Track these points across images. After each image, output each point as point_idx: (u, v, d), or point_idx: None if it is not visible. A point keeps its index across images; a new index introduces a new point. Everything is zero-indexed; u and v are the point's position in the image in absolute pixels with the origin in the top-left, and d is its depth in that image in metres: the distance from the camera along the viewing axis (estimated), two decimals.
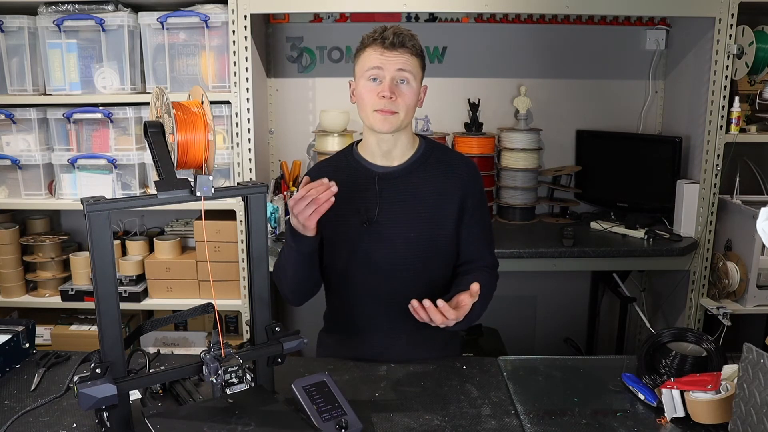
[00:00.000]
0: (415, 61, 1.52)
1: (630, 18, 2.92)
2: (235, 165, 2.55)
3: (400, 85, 1.51)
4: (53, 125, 2.59)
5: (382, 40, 1.49)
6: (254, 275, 1.28)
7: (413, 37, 1.53)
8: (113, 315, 1.13)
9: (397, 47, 1.49)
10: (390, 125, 1.52)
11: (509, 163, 2.89)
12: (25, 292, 2.76)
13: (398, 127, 1.54)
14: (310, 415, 1.21)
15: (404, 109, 1.52)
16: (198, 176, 1.14)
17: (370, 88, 1.52)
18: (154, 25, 2.51)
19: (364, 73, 1.52)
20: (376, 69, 1.50)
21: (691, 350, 1.43)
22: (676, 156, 2.68)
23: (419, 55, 1.54)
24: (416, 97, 1.55)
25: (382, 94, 1.49)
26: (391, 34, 1.49)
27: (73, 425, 1.28)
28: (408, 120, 1.56)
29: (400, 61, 1.49)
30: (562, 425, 1.29)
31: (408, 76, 1.51)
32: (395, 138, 1.58)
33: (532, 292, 3.19)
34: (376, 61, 1.50)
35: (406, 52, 1.50)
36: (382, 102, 1.50)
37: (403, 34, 1.50)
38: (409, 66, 1.50)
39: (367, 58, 1.52)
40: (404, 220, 1.57)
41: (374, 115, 1.52)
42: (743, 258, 2.48)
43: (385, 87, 1.49)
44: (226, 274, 2.64)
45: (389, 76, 1.49)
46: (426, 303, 1.37)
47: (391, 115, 1.51)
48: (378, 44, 1.50)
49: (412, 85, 1.52)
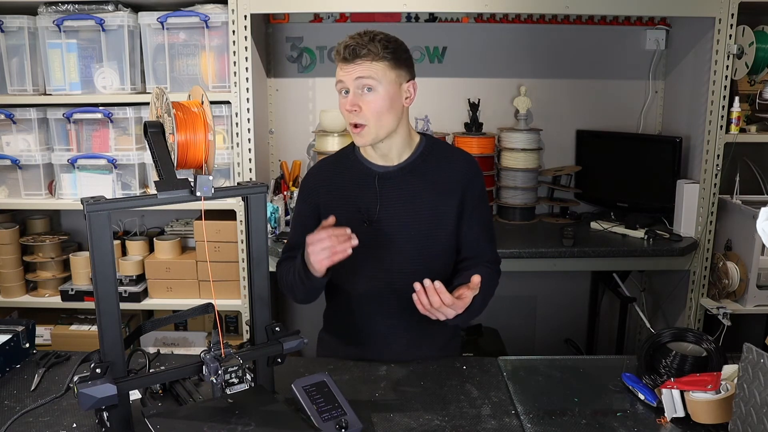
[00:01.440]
0: (377, 66, 1.48)
1: (630, 18, 2.92)
2: (235, 165, 2.55)
3: (365, 94, 1.50)
4: (53, 125, 2.59)
5: (338, 54, 1.51)
6: (254, 275, 1.28)
7: (372, 41, 1.48)
8: (113, 315, 1.13)
9: (351, 60, 1.48)
10: (363, 139, 1.53)
11: (509, 163, 2.89)
12: (25, 292, 2.76)
13: (375, 137, 1.53)
14: (310, 415, 1.21)
15: (373, 117, 1.50)
16: (198, 176, 1.14)
17: (342, 102, 1.53)
18: (154, 25, 2.51)
19: (336, 88, 1.55)
20: (340, 83, 1.52)
21: (691, 350, 1.43)
22: (676, 156, 2.68)
23: (383, 57, 1.49)
24: (387, 100, 1.50)
25: (346, 107, 1.51)
26: (343, 47, 1.50)
27: (73, 425, 1.28)
28: (386, 126, 1.52)
29: (356, 71, 1.49)
30: (562, 425, 1.29)
31: (370, 83, 1.49)
32: (387, 143, 1.57)
33: (532, 292, 3.19)
34: (339, 75, 1.52)
35: (363, 60, 1.48)
36: (350, 116, 1.52)
37: (356, 45, 1.48)
38: (368, 72, 1.48)
39: (336, 73, 1.54)
40: (405, 218, 1.57)
41: (351, 129, 1.54)
42: (743, 258, 2.48)
43: (348, 100, 1.51)
44: (226, 274, 2.64)
45: (351, 88, 1.50)
46: (426, 282, 1.37)
47: (361, 128, 1.51)
48: (340, 59, 1.51)
49: (378, 91, 1.49)
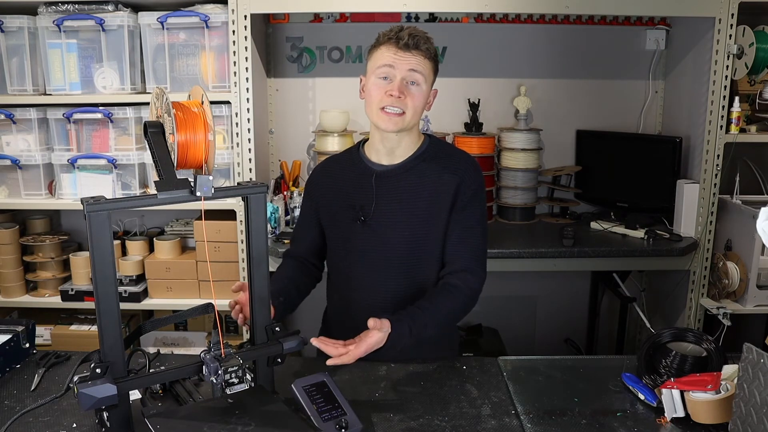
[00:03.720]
0: (427, 64, 1.52)
1: (630, 18, 2.92)
2: (235, 165, 2.55)
3: (410, 87, 1.51)
4: (53, 125, 2.59)
5: (397, 39, 1.50)
6: (254, 275, 1.28)
7: (428, 40, 1.53)
8: (113, 315, 1.13)
9: (411, 48, 1.49)
10: (395, 125, 1.53)
11: (509, 163, 2.89)
12: (25, 292, 2.76)
13: (403, 127, 1.54)
14: (310, 415, 1.21)
15: (411, 109, 1.52)
16: (198, 176, 1.14)
17: (379, 85, 1.52)
18: (154, 25, 2.51)
19: (375, 71, 1.53)
20: (388, 67, 1.51)
21: (691, 350, 1.43)
22: (676, 156, 2.67)
23: (432, 58, 1.54)
24: (425, 99, 1.55)
25: (390, 92, 1.50)
26: (407, 35, 1.49)
27: (73, 425, 1.28)
28: (414, 121, 1.56)
29: (412, 62, 1.50)
30: (562, 425, 1.29)
31: (419, 78, 1.51)
32: (399, 137, 1.58)
33: (532, 292, 3.19)
34: (388, 59, 1.50)
35: (419, 54, 1.50)
36: (389, 100, 1.50)
37: (419, 36, 1.50)
38: (420, 68, 1.51)
39: (380, 55, 1.52)
40: (400, 217, 1.58)
41: (380, 114, 1.53)
42: (743, 258, 2.48)
43: (394, 86, 1.50)
44: (226, 274, 2.64)
45: (400, 76, 1.50)
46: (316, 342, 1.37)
47: (398, 116, 1.52)
48: (392, 43, 1.50)
49: (422, 88, 1.52)
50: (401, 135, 1.58)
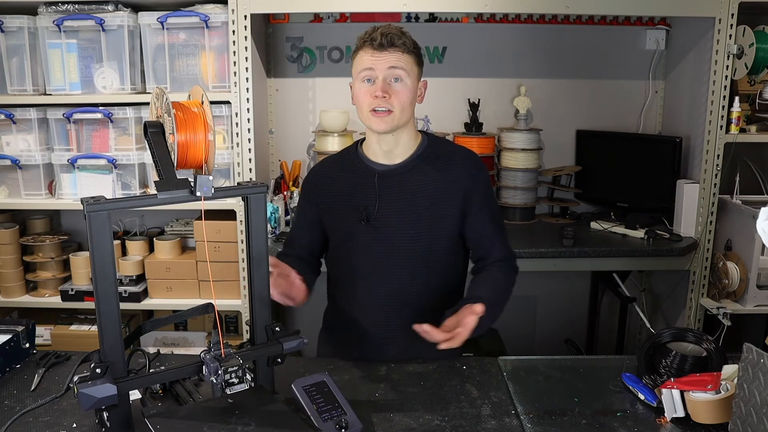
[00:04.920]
0: (407, 58, 1.52)
1: (630, 18, 2.92)
2: (235, 165, 2.55)
3: (393, 84, 1.52)
4: (53, 125, 2.58)
5: (371, 41, 1.50)
6: (254, 275, 1.28)
7: (403, 34, 1.53)
8: (113, 315, 1.13)
9: (386, 47, 1.50)
10: (386, 125, 1.53)
11: (509, 163, 2.89)
12: (25, 292, 2.76)
13: (395, 126, 1.54)
14: (310, 415, 1.21)
15: (399, 106, 1.52)
16: (198, 176, 1.14)
17: (365, 89, 1.53)
18: (154, 25, 2.51)
19: (358, 75, 1.54)
20: (368, 70, 1.52)
21: (691, 350, 1.43)
22: (676, 156, 2.67)
23: (412, 51, 1.53)
24: (412, 93, 1.54)
25: (375, 94, 1.51)
26: (379, 34, 1.50)
27: (73, 425, 1.28)
28: (405, 117, 1.55)
29: (390, 60, 1.50)
30: (562, 425, 1.29)
31: (400, 74, 1.51)
32: (396, 137, 1.58)
33: (532, 292, 3.19)
34: (367, 62, 1.51)
35: (396, 50, 1.50)
36: (376, 102, 1.51)
37: (392, 33, 1.50)
38: (400, 63, 1.51)
39: (359, 60, 1.53)
40: (403, 217, 1.58)
41: (370, 116, 1.53)
42: (743, 258, 2.48)
43: (377, 87, 1.50)
44: (226, 274, 2.64)
45: (381, 76, 1.51)
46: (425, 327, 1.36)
47: (387, 114, 1.52)
48: (368, 46, 1.51)
49: (406, 83, 1.52)
50: (397, 135, 1.58)
